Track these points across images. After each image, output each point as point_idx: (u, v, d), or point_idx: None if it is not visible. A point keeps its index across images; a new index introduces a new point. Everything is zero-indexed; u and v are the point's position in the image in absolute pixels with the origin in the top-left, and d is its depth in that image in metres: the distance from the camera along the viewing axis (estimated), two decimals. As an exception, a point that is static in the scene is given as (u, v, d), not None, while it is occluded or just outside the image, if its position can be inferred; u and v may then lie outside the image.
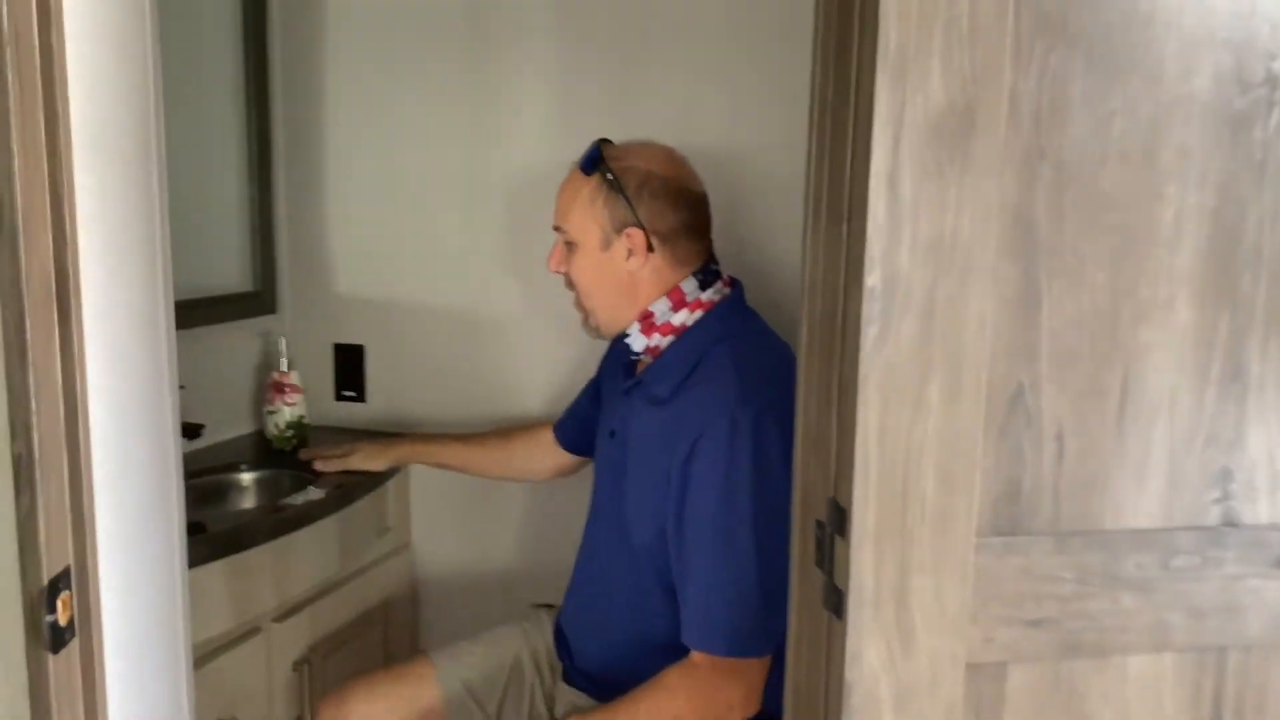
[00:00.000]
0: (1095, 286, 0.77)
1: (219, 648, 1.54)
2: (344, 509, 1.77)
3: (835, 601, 0.80)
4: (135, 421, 1.02)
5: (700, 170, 1.47)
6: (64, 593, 0.77)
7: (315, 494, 1.69)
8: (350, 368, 2.13)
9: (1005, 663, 0.81)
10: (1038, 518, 0.80)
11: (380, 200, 2.07)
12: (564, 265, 1.46)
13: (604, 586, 1.50)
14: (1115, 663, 0.82)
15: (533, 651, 1.59)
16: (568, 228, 1.44)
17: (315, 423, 2.09)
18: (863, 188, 0.74)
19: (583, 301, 1.47)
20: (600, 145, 1.43)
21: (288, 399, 1.95)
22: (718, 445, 1.29)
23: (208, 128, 1.98)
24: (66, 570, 0.77)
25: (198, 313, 1.92)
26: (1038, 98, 0.75)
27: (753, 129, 1.78)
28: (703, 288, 1.43)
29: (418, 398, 2.09)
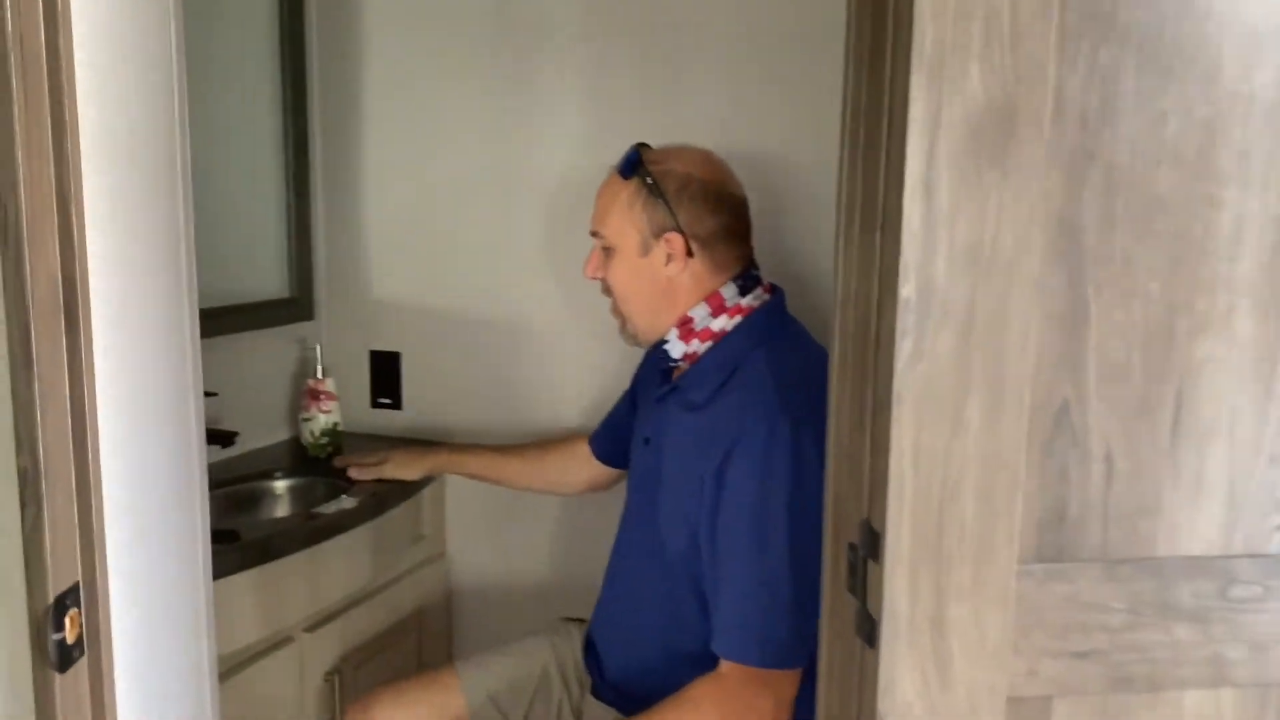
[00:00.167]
0: (1147, 297, 0.73)
1: (250, 658, 1.53)
2: (377, 517, 1.75)
3: (868, 629, 0.76)
4: (155, 431, 1.01)
5: (739, 174, 1.44)
6: (72, 610, 0.75)
7: (348, 503, 1.68)
8: (386, 374, 2.12)
9: (1050, 696, 0.76)
10: (1085, 543, 0.75)
11: (417, 206, 2.06)
12: (601, 271, 1.44)
13: (636, 596, 1.47)
14: (1169, 698, 0.77)
15: (560, 664, 1.56)
16: (605, 232, 1.42)
17: (351, 430, 2.08)
18: (897, 194, 0.70)
19: (620, 307, 1.45)
20: (639, 149, 1.41)
21: (323, 406, 1.94)
22: (754, 452, 1.26)
23: (245, 134, 1.99)
24: (75, 586, 0.75)
25: (234, 319, 1.92)
26: (1085, 97, 0.70)
27: (793, 131, 1.74)
28: (742, 293, 1.40)
29: (453, 405, 2.07)
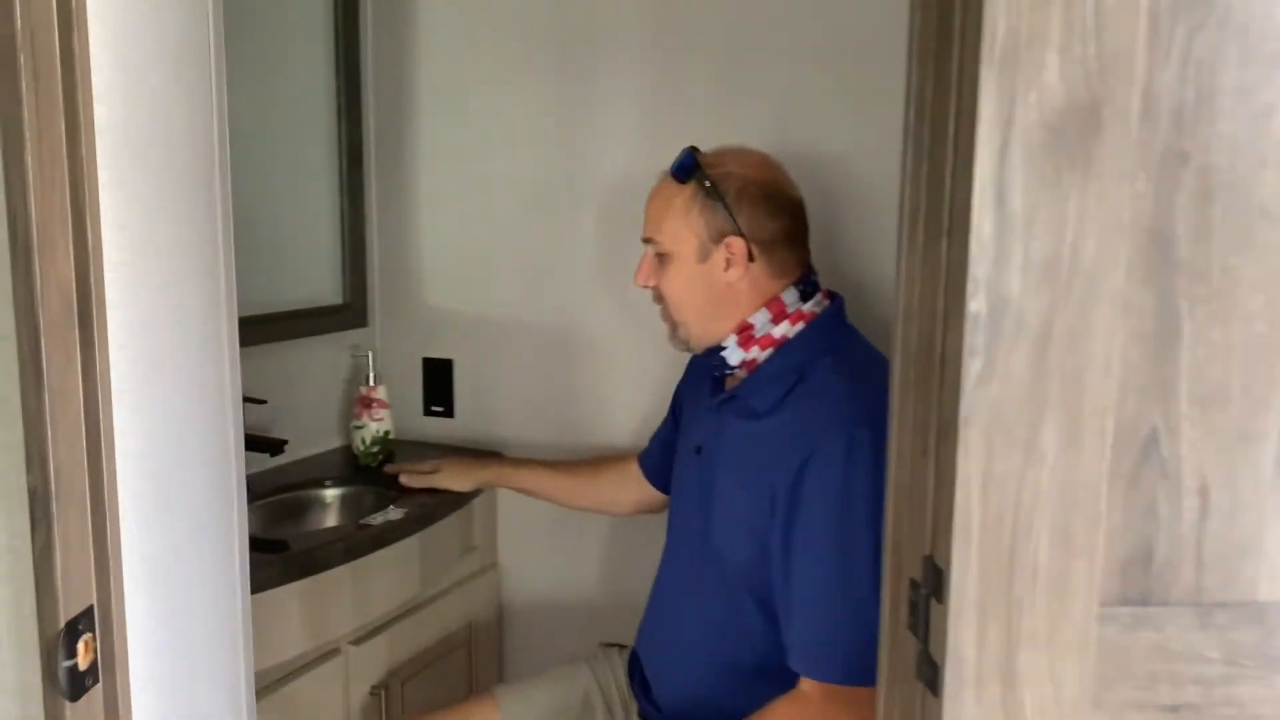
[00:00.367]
0: (1250, 314, 0.65)
1: (295, 670, 1.51)
2: (425, 529, 1.72)
3: (930, 674, 0.69)
4: (187, 442, 0.98)
5: (795, 177, 1.38)
6: (86, 634, 0.72)
7: (395, 514, 1.65)
8: (439, 382, 2.09)
9: (1134, 755, 0.69)
10: (1175, 585, 0.68)
11: (471, 211, 2.02)
12: (653, 279, 1.39)
13: (689, 612, 1.41)
14: (1270, 760, 0.69)
15: (604, 689, 1.51)
16: (660, 238, 1.37)
17: (403, 437, 2.06)
18: (965, 199, 0.64)
19: (674, 315, 1.39)
20: (692, 152, 1.35)
21: (374, 414, 1.92)
22: (834, 464, 1.21)
23: (300, 140, 1.97)
24: (89, 610, 0.72)
25: (287, 326, 1.91)
26: (1179, 91, 0.63)
27: (850, 133, 1.67)
28: (803, 299, 1.35)
29: (505, 415, 2.04)
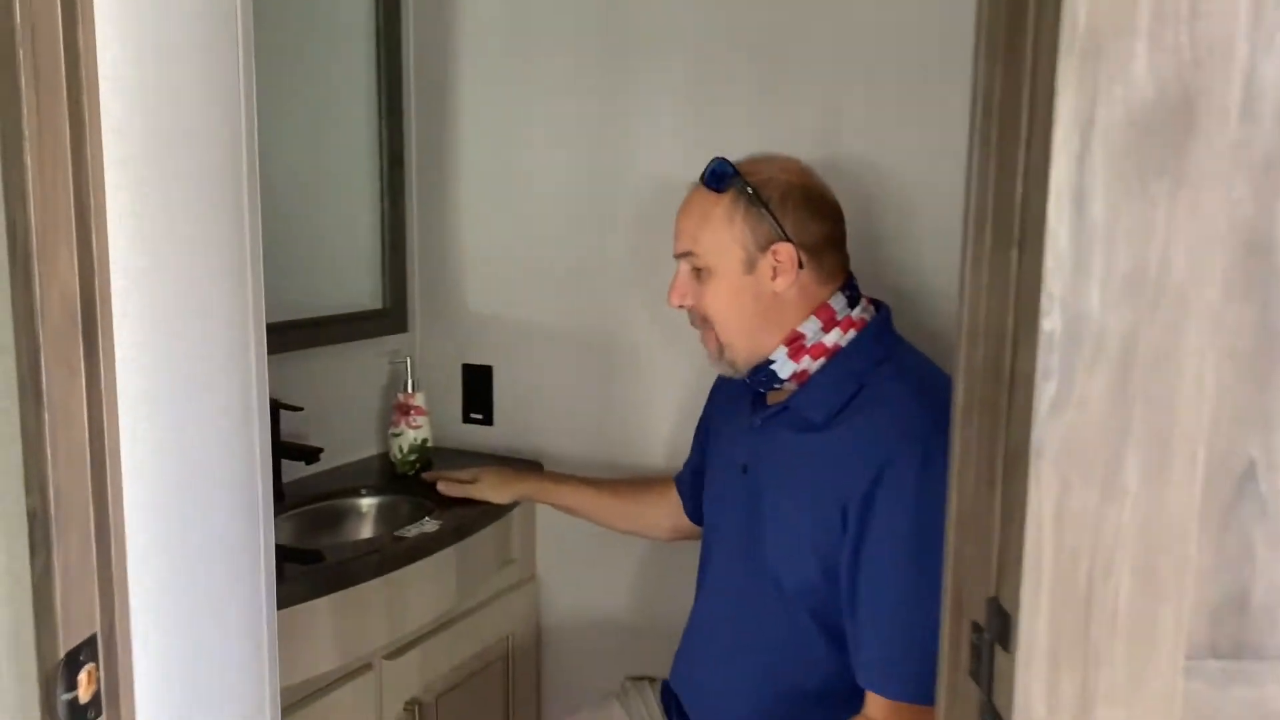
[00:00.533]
0: (1362, 336, 0.58)
1: (327, 685, 1.47)
2: (462, 540, 1.67)
3: (995, 728, 0.63)
4: (207, 458, 0.94)
5: (845, 184, 1.34)
6: (88, 665, 0.68)
7: (430, 525, 1.61)
8: (479, 389, 2.05)
9: (1225, 825, 0.62)
10: (1274, 637, 0.61)
11: (513, 214, 1.98)
12: (690, 297, 1.32)
13: (741, 638, 1.34)
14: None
15: (636, 724, 1.46)
16: (700, 251, 1.30)
17: (442, 444, 2.03)
18: (1039, 206, 0.58)
19: (719, 335, 1.32)
20: (725, 160, 1.30)
21: (412, 422, 1.89)
22: (909, 475, 1.15)
23: (340, 139, 1.95)
24: (92, 639, 0.68)
25: (326, 331, 1.88)
26: (1284, 84, 0.56)
27: (904, 137, 1.60)
28: (851, 305, 1.30)
29: (544, 424, 1.99)
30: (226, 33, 0.98)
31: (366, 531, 1.79)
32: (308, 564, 1.50)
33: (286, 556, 1.57)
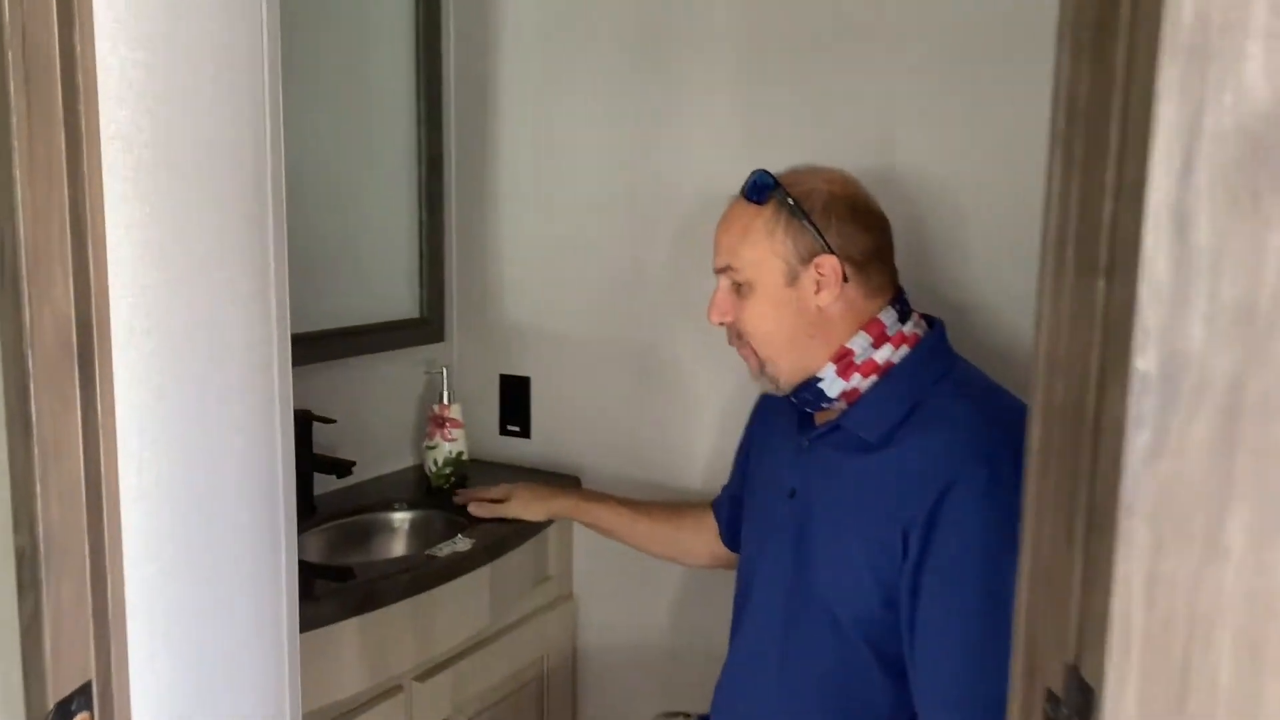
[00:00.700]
0: None
1: (354, 709, 1.43)
2: (496, 559, 1.62)
3: (1073, 814, 0.56)
4: (223, 481, 0.89)
5: (897, 193, 1.27)
6: (81, 714, 0.63)
7: (462, 544, 1.55)
8: (516, 400, 2.00)
9: None
10: (1399, 722, 0.53)
11: (553, 222, 1.93)
12: (731, 313, 1.27)
13: (789, 671, 1.27)
14: None
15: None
16: (740, 265, 1.24)
17: (478, 456, 1.98)
18: (1132, 228, 0.51)
19: (760, 351, 1.26)
20: (766, 172, 1.24)
21: (447, 434, 1.84)
22: (975, 496, 1.09)
23: (378, 145, 1.91)
24: (86, 686, 0.63)
25: (362, 340, 1.85)
26: None
27: (961, 145, 1.52)
28: (901, 319, 1.23)
29: (582, 438, 1.93)
30: (250, 34, 0.94)
31: (399, 547, 1.75)
32: (338, 581, 1.46)
33: (317, 573, 1.54)
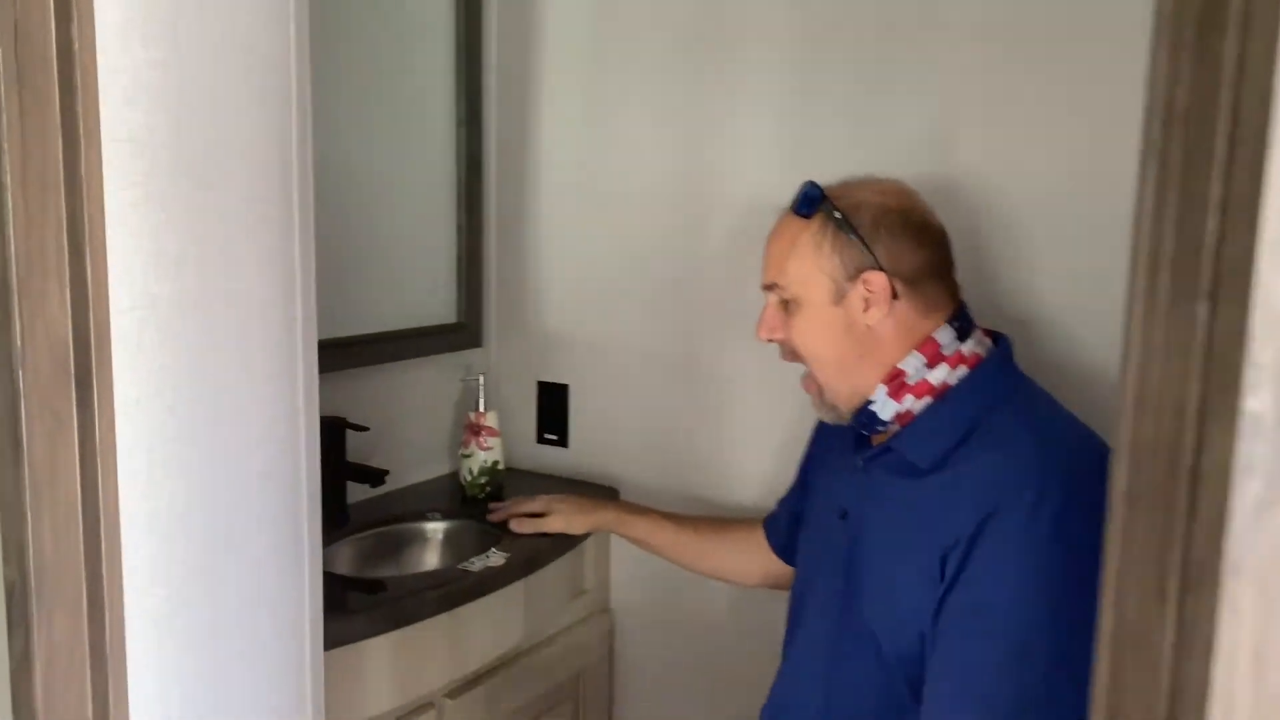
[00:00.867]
0: None
1: (383, 727, 1.39)
2: (531, 574, 1.58)
3: None
4: (243, 499, 0.85)
5: (957, 204, 1.20)
6: (75, 762, 0.59)
7: (496, 558, 1.51)
8: (554, 408, 1.95)
9: None
10: None
11: (595, 226, 1.88)
12: (780, 331, 1.22)
13: (835, 702, 1.21)
14: None
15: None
16: (785, 282, 1.20)
17: (514, 465, 1.94)
18: (1244, 247, 0.44)
19: (815, 374, 1.22)
20: (815, 184, 1.19)
21: (483, 443, 1.80)
22: (1018, 529, 1.03)
23: (417, 145, 1.87)
24: (81, 731, 0.59)
25: (398, 346, 1.81)
26: None
27: (1028, 150, 1.44)
28: (961, 338, 1.16)
29: (622, 449, 1.88)
30: (277, 31, 0.89)
31: (431, 559, 1.71)
32: (369, 594, 1.43)
33: (348, 585, 1.50)
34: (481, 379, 1.84)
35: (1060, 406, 1.17)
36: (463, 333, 1.95)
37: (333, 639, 1.23)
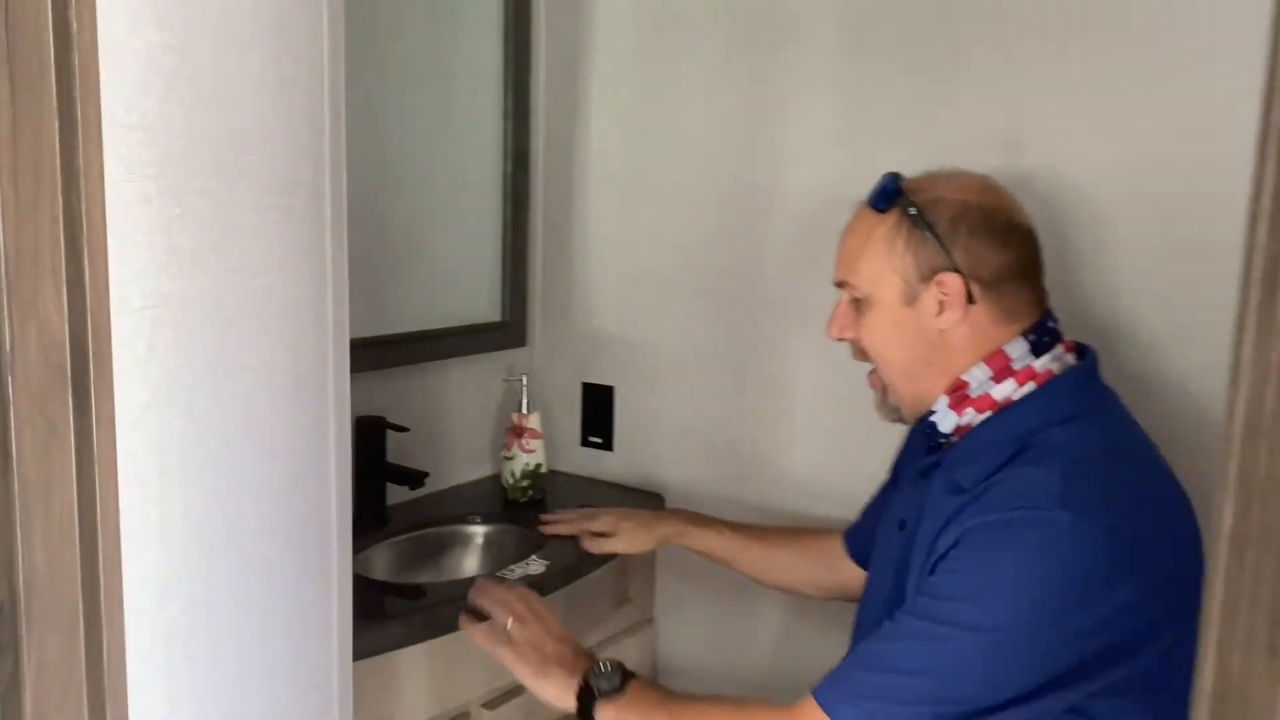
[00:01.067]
0: None
1: (418, 738, 1.35)
2: (573, 583, 1.53)
3: None
4: (269, 510, 0.81)
5: (1032, 197, 1.13)
6: (68, 795, 0.55)
7: (535, 566, 1.46)
8: (599, 410, 1.90)
9: None
10: None
11: (644, 224, 1.82)
12: (850, 330, 1.17)
13: None
14: None
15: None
16: (856, 280, 1.15)
17: (558, 468, 1.90)
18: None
19: (882, 374, 1.17)
20: (895, 176, 1.12)
21: (525, 445, 1.75)
22: (997, 532, 0.99)
23: (463, 140, 1.83)
24: (75, 763, 0.55)
25: (440, 344, 1.78)
26: None
27: (1109, 143, 1.36)
28: (1035, 351, 1.09)
29: (668, 453, 1.83)
30: (307, 15, 0.85)
31: (470, 564, 1.67)
32: (408, 600, 1.39)
33: (386, 590, 1.47)
34: (525, 379, 1.80)
35: (1137, 429, 1.10)
36: (506, 332, 1.91)
37: (369, 647, 1.20)
